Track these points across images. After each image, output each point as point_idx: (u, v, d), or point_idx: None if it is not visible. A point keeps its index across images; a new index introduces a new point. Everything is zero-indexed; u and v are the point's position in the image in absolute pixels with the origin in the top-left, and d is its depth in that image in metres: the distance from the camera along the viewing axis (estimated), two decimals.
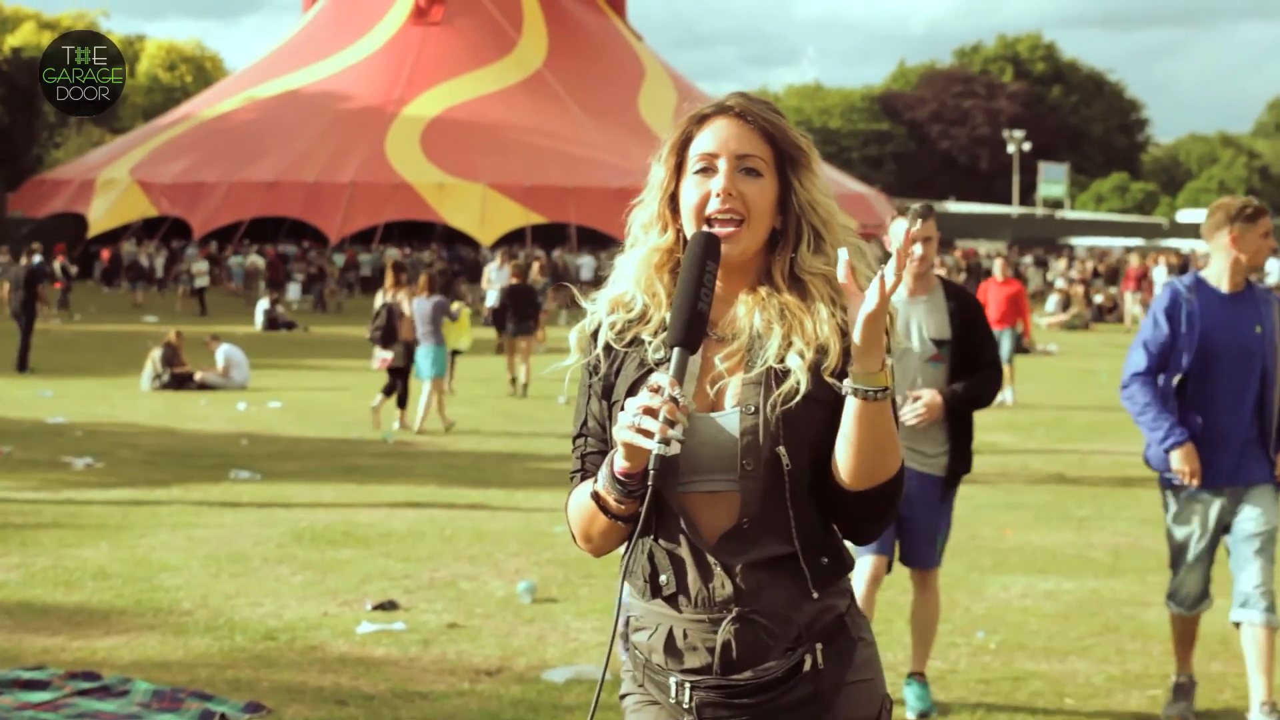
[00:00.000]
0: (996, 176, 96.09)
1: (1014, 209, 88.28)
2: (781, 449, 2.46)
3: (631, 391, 2.50)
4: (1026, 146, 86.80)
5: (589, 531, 2.55)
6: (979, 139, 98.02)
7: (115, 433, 15.03)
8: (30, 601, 7.81)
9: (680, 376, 2.37)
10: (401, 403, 16.10)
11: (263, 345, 26.22)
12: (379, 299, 16.86)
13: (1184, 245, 76.02)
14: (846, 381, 2.40)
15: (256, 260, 48.87)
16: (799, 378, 2.46)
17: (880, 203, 63.65)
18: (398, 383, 15.96)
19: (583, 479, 2.61)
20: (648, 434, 2.31)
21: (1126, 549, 9.62)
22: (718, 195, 2.51)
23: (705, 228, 2.51)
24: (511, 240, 51.56)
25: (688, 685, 2.52)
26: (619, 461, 2.40)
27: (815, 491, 2.51)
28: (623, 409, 2.39)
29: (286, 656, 6.81)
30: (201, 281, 37.70)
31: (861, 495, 2.48)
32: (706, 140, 2.55)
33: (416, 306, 15.92)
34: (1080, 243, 75.07)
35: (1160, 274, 34.70)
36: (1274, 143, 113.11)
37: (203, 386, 19.59)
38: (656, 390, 2.33)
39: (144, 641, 7.02)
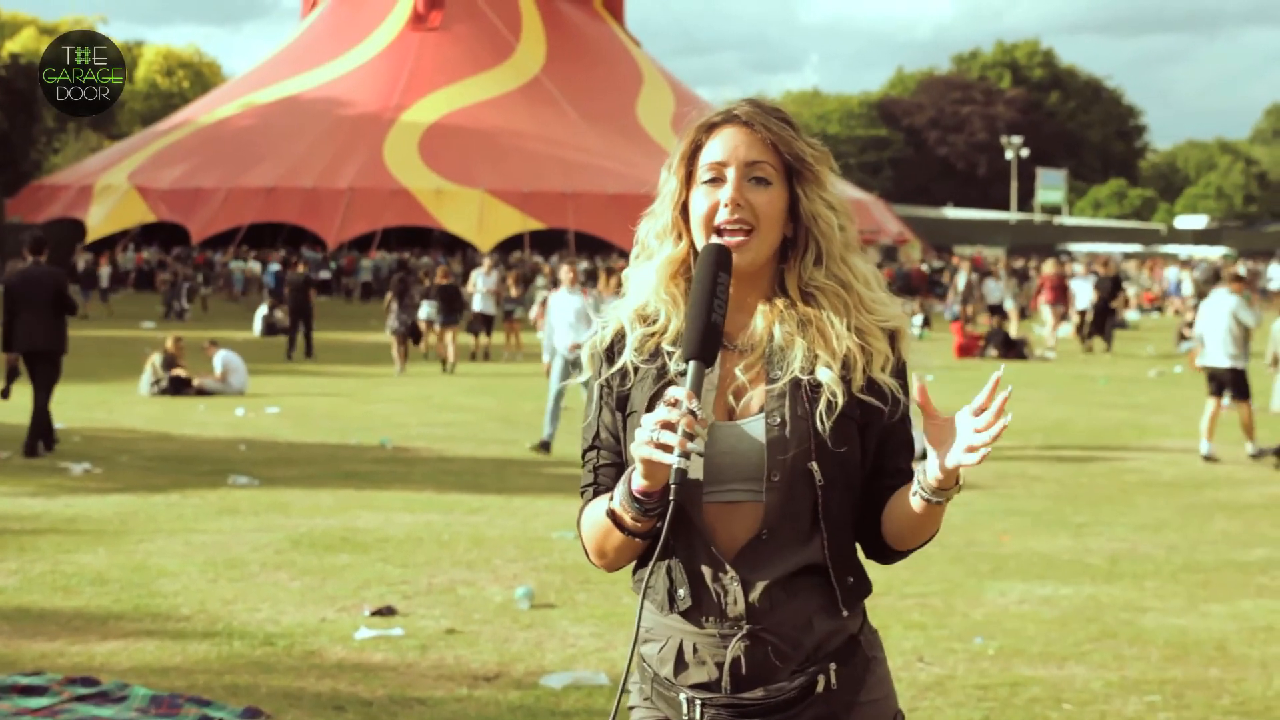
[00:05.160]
0: (994, 183, 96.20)
1: (1012, 215, 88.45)
2: (814, 464, 2.45)
3: (650, 406, 2.48)
4: (1024, 153, 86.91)
5: (603, 548, 2.53)
6: (977, 145, 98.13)
7: (113, 438, 15.03)
8: (28, 607, 7.80)
9: (697, 389, 2.34)
10: None
11: (261, 351, 26.22)
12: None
13: (1182, 251, 76.20)
14: (918, 489, 2.42)
15: (253, 266, 48.84)
16: (835, 390, 2.46)
17: (878, 209, 63.79)
18: None
19: (595, 493, 2.59)
20: (666, 448, 2.29)
21: (1124, 555, 9.62)
22: (726, 205, 2.49)
23: (715, 238, 2.50)
24: (509, 246, 51.63)
25: (699, 702, 2.50)
26: (637, 480, 2.38)
27: (846, 508, 2.51)
28: (640, 425, 2.36)
29: (285, 662, 6.81)
30: None
31: (900, 552, 2.58)
32: (715, 150, 2.53)
33: None
34: (1078, 249, 75.15)
35: (1083, 285, 31.60)
36: (1272, 149, 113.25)
37: (201, 392, 19.58)
38: (674, 404, 2.31)
39: (142, 647, 7.02)
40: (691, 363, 2.37)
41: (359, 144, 53.84)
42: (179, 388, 19.56)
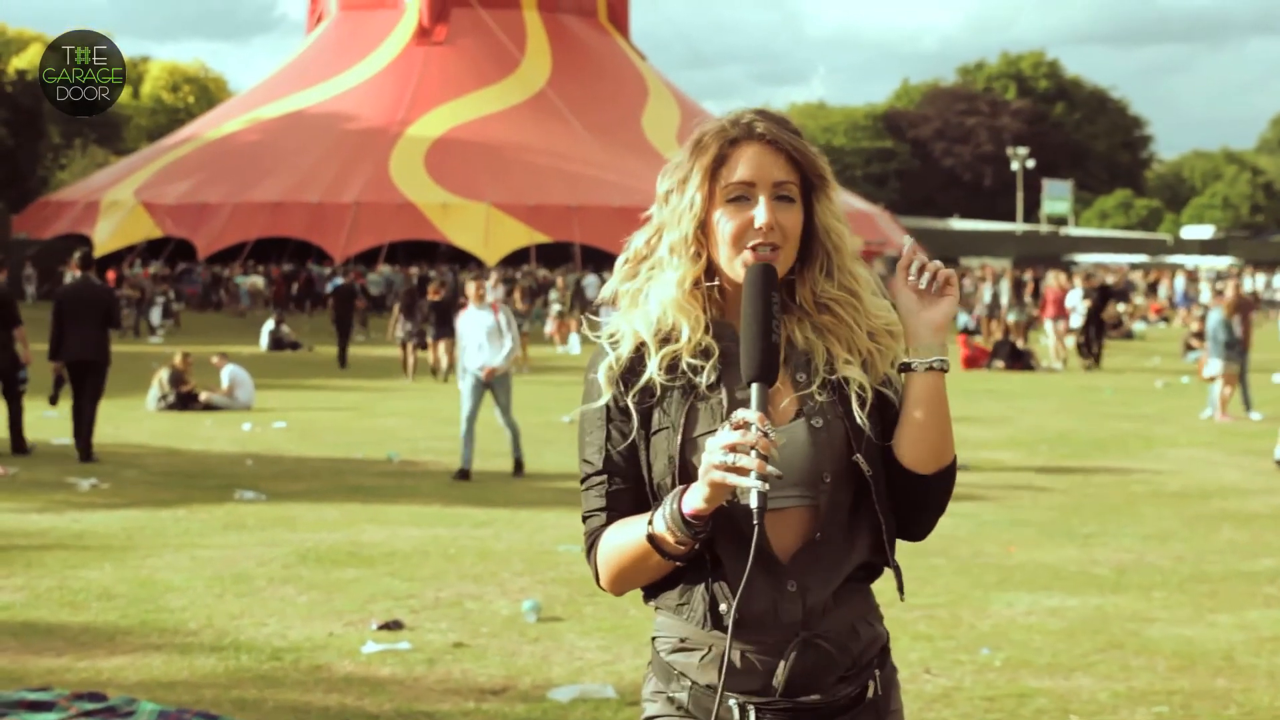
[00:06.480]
0: (1000, 194, 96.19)
1: (1018, 226, 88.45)
2: (859, 457, 2.48)
3: (688, 422, 2.48)
4: (1030, 164, 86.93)
5: (628, 573, 2.51)
6: (983, 156, 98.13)
7: (120, 453, 15.05)
8: (35, 622, 7.81)
9: (764, 410, 2.35)
10: None
11: (268, 366, 26.24)
12: None
13: (1188, 261, 76.14)
14: (915, 361, 2.50)
15: (257, 281, 48.88)
16: (864, 385, 2.51)
17: (884, 220, 63.88)
18: None
19: (609, 519, 2.54)
20: (742, 471, 2.28)
21: (1131, 565, 9.61)
22: (759, 228, 2.48)
23: (744, 255, 2.49)
24: (516, 260, 51.67)
25: (751, 708, 2.48)
26: (693, 502, 2.36)
27: (888, 498, 2.54)
28: (667, 442, 2.41)
29: (292, 677, 6.81)
30: None
31: (929, 484, 2.52)
32: (741, 168, 2.51)
33: None
34: (1085, 259, 75.14)
35: (1076, 297, 31.10)
36: (1278, 159, 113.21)
37: (208, 407, 19.61)
38: (741, 426, 2.30)
39: (149, 662, 7.03)
40: (755, 385, 2.38)
41: (365, 158, 53.95)
42: (186, 403, 19.59)
